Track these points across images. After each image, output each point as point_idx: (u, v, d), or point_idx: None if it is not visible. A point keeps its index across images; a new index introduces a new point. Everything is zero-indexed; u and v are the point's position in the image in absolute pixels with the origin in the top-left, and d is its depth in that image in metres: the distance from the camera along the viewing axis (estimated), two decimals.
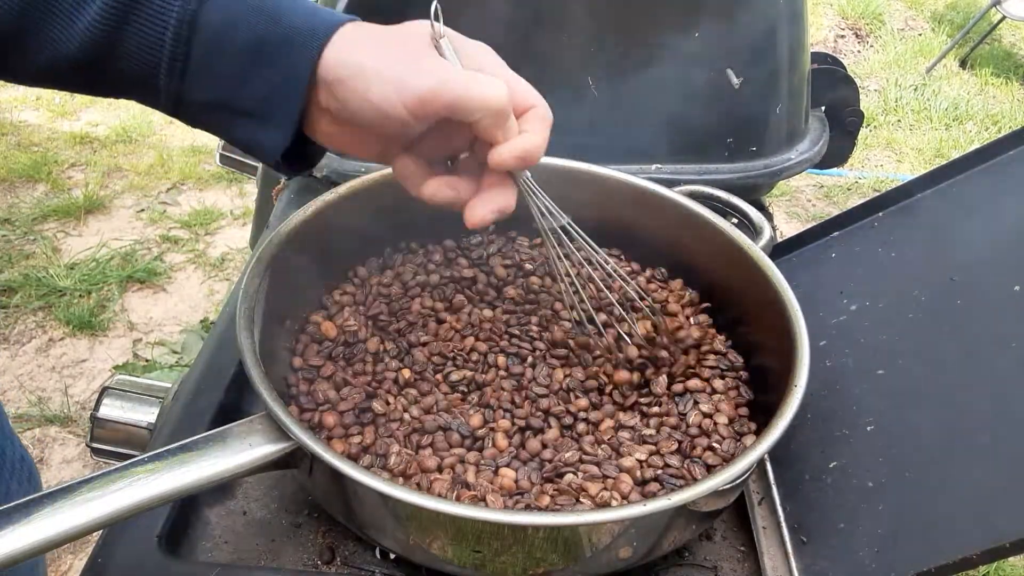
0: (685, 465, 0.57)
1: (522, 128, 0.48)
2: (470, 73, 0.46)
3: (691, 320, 0.70)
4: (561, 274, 0.60)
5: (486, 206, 0.50)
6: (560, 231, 0.56)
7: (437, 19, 0.47)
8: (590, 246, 0.60)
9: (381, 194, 0.69)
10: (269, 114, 0.46)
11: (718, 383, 0.64)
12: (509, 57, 0.50)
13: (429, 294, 0.70)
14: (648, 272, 0.76)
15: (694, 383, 0.63)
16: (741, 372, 0.65)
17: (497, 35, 0.85)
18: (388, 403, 0.60)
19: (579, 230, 0.58)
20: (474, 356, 0.65)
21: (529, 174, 0.53)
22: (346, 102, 0.45)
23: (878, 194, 0.75)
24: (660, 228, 0.74)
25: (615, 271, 0.63)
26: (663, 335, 0.64)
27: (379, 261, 0.74)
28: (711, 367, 0.65)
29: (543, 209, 0.54)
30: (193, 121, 0.48)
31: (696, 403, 0.62)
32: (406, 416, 0.59)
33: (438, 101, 0.44)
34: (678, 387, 0.63)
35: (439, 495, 0.53)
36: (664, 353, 0.64)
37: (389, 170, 0.53)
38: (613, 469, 0.56)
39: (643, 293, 0.66)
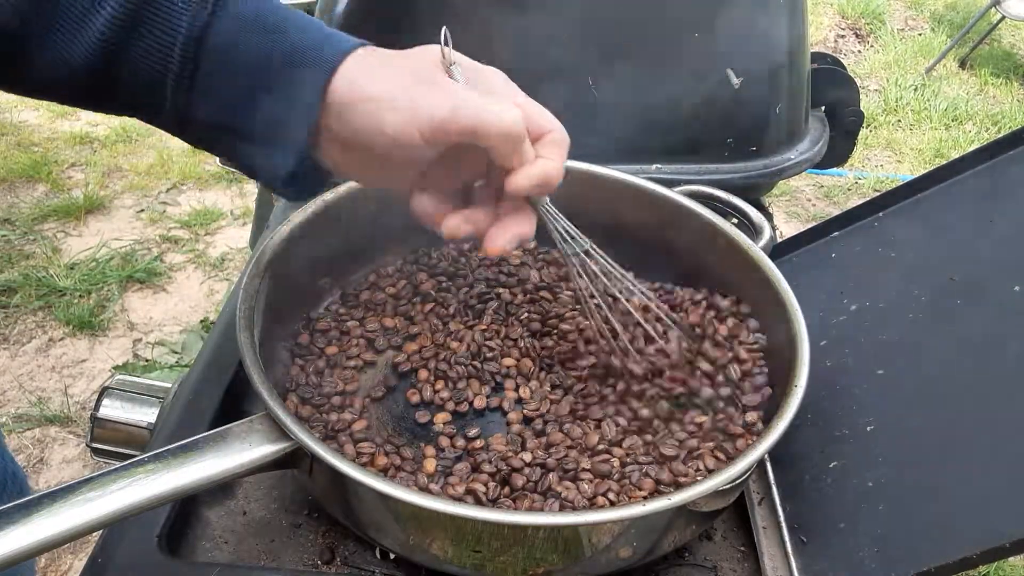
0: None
1: (539, 153, 0.47)
2: (484, 97, 0.44)
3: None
4: (586, 297, 0.58)
5: (505, 234, 0.49)
6: (583, 255, 0.55)
7: (447, 44, 0.46)
8: (614, 268, 0.57)
9: (382, 193, 0.69)
10: (275, 139, 0.45)
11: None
12: (509, 57, 0.50)
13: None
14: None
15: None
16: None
17: (496, 35, 0.85)
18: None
19: (602, 254, 0.57)
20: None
21: (548, 200, 0.51)
22: (357, 132, 0.44)
23: (878, 194, 0.75)
24: (660, 228, 0.74)
25: (643, 293, 0.61)
26: (698, 358, 0.63)
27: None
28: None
29: (564, 234, 0.53)
30: (196, 141, 0.47)
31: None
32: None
33: (453, 127, 0.43)
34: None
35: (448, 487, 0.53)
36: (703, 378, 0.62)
37: None
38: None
39: (674, 317, 0.64)
